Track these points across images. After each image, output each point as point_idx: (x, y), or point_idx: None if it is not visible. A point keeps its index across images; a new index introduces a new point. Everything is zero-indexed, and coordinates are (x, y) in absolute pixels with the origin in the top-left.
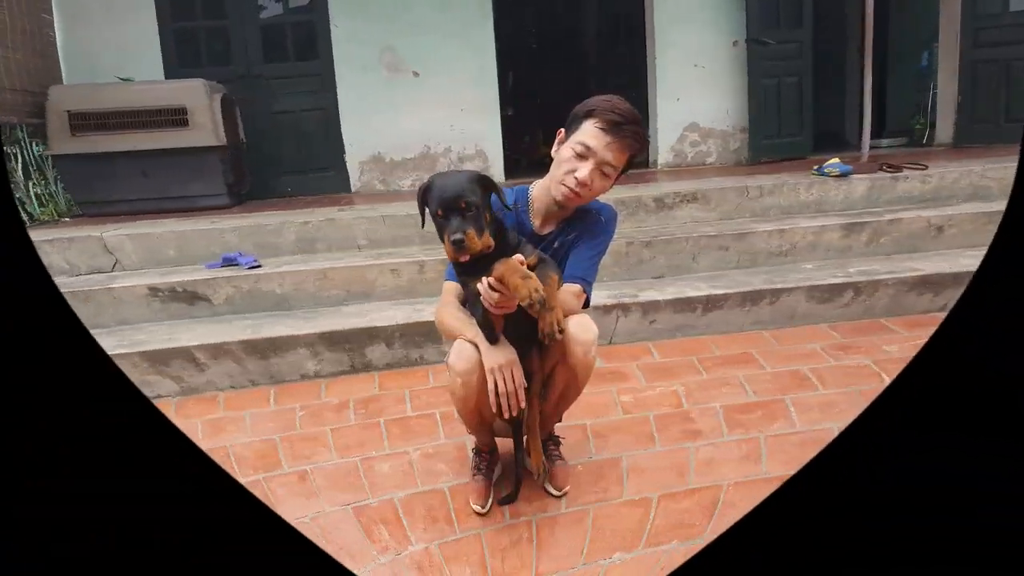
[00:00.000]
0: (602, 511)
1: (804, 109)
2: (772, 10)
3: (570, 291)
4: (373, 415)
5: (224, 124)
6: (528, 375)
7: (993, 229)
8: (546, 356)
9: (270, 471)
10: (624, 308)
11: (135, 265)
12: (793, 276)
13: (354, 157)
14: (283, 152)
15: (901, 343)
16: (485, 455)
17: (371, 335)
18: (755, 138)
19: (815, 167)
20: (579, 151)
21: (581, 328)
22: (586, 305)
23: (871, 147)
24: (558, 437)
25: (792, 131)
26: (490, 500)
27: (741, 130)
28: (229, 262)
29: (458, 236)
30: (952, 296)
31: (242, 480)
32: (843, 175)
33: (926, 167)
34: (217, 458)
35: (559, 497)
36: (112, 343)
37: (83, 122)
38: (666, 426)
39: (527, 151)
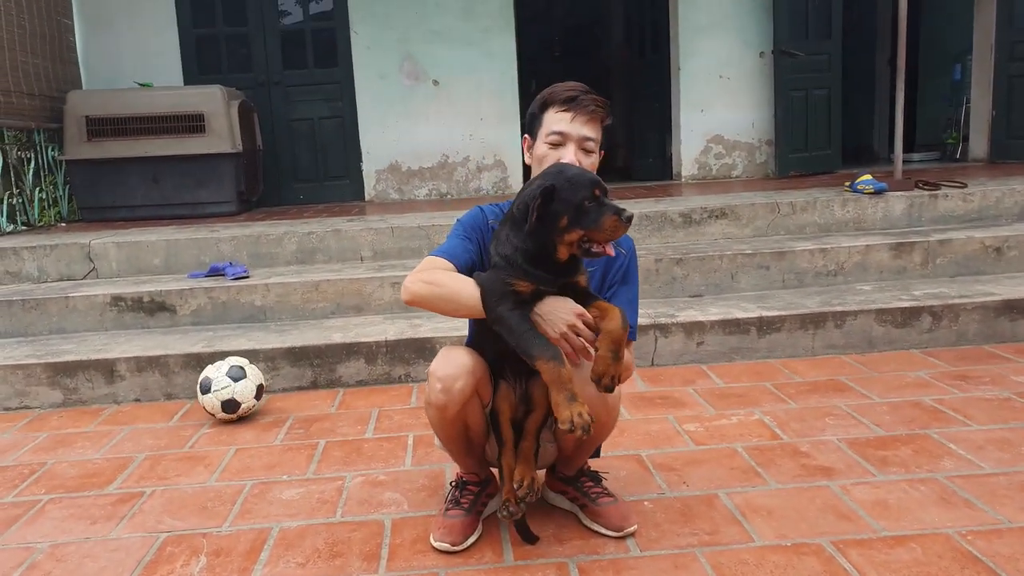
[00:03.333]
0: (727, 557)
1: (832, 122)
2: (800, 21)
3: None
4: (313, 436)
5: (241, 130)
6: (532, 406)
7: None
8: None
9: (82, 491)
10: (663, 328)
11: (113, 273)
12: (852, 298)
13: (370, 165)
14: (299, 159)
15: None
16: (472, 488)
17: (350, 351)
18: (782, 151)
19: (847, 183)
20: (554, 141)
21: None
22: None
23: (902, 162)
24: (597, 472)
25: (820, 144)
26: (471, 539)
27: (767, 143)
28: (216, 272)
29: (628, 213)
30: None
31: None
32: (878, 192)
33: (965, 185)
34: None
35: (619, 538)
36: (25, 352)
37: (100, 127)
38: (771, 460)
39: None
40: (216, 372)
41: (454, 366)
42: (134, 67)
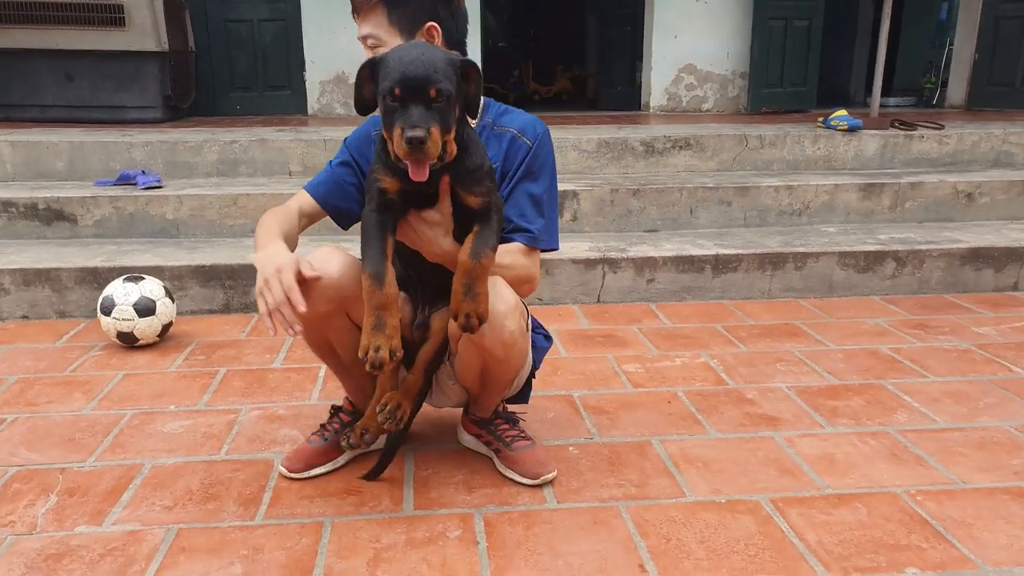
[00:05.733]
0: (654, 513)
1: (811, 57)
2: None
3: (510, 252)
4: (214, 363)
5: (169, 28)
6: (428, 334)
7: None
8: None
9: None
10: (612, 263)
11: (7, 176)
12: (815, 240)
13: (314, 75)
14: (236, 65)
15: (994, 325)
16: (342, 417)
17: None
18: (756, 85)
19: (821, 119)
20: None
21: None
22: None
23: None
24: (513, 414)
25: (796, 81)
26: (318, 470)
27: (741, 75)
28: (126, 180)
29: (418, 133)
30: (1019, 273)
31: None
32: (852, 130)
33: (942, 126)
34: None
35: (535, 486)
36: None
37: (2, 11)
38: (713, 407)
39: (516, 86)
40: (123, 296)
41: (330, 262)
42: None
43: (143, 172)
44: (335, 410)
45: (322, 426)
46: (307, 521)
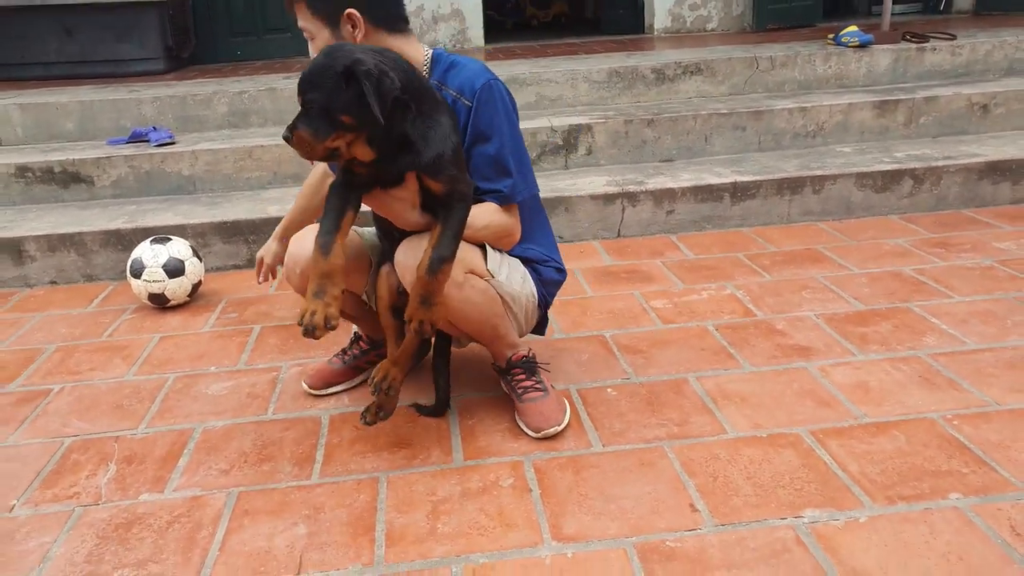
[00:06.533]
0: (698, 452)
1: None
2: None
3: (486, 212)
4: (247, 321)
5: None
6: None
7: None
8: None
9: None
10: (631, 197)
11: (19, 140)
12: (832, 161)
13: None
14: (234, 9)
15: (1015, 239)
16: (362, 344)
17: None
18: (761, 1)
19: (831, 36)
20: None
21: (406, 251)
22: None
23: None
24: (530, 361)
25: None
26: (335, 388)
27: None
28: (138, 138)
29: (285, 133)
30: None
31: None
32: (863, 45)
33: (954, 37)
34: None
35: (540, 439)
36: None
37: None
38: (744, 340)
39: (513, 12)
40: (152, 259)
41: (303, 248)
42: None
43: (154, 128)
44: (356, 338)
45: (343, 350)
46: (363, 477)
